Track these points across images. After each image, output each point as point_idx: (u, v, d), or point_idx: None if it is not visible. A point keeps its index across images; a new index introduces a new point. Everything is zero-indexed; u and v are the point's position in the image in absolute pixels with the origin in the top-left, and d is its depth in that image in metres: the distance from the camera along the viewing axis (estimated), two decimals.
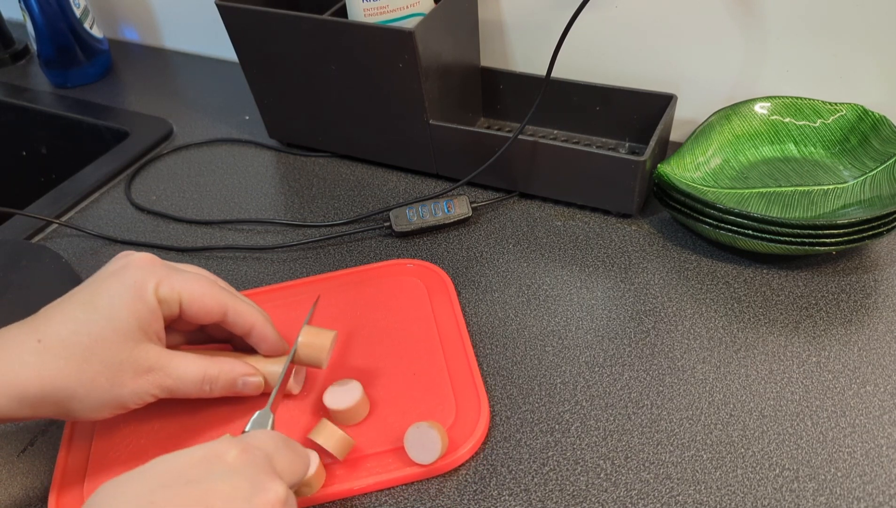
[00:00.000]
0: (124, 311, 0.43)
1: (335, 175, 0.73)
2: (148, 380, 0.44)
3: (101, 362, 0.42)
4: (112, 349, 0.42)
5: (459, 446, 0.47)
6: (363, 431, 0.48)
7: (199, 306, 0.46)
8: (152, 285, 0.44)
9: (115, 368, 0.42)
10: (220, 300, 0.46)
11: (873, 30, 0.62)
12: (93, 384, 0.42)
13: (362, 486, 0.45)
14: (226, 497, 0.34)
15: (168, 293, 0.45)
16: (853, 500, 0.44)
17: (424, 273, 0.60)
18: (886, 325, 0.54)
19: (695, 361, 0.52)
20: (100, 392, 0.42)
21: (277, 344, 0.49)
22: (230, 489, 0.35)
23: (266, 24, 0.66)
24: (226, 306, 0.47)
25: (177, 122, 0.83)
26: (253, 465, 0.37)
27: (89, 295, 0.44)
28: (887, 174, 0.60)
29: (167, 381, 0.44)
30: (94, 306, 0.43)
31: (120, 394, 0.43)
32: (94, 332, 0.42)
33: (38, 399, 0.41)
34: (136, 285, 0.44)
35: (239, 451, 0.37)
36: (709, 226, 0.58)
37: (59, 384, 0.41)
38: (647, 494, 0.45)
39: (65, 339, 0.42)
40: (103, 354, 0.42)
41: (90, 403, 0.42)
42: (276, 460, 0.38)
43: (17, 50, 0.98)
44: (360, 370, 0.52)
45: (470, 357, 0.52)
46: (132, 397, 0.43)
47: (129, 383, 0.43)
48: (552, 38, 0.69)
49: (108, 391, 0.42)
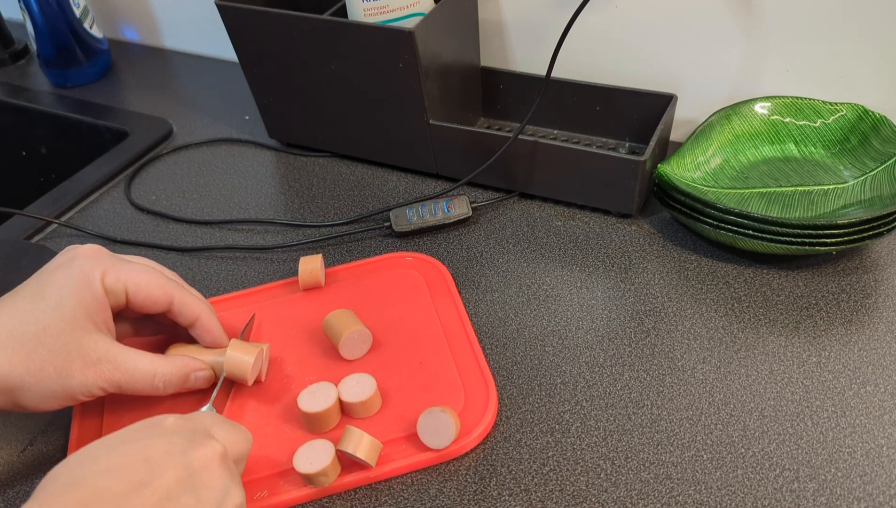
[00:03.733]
0: (72, 300, 0.43)
1: (335, 175, 0.73)
2: (96, 372, 0.44)
3: (49, 351, 0.42)
4: (60, 338, 0.43)
5: (472, 429, 0.48)
6: (375, 420, 0.49)
7: (145, 295, 0.46)
8: (98, 274, 0.45)
9: (64, 357, 0.43)
10: (167, 290, 0.47)
11: (873, 30, 0.62)
12: (41, 374, 0.42)
13: (379, 474, 0.46)
14: (163, 451, 0.36)
15: (114, 283, 0.45)
16: (853, 500, 0.44)
17: (423, 266, 0.60)
18: (886, 325, 0.54)
19: (695, 361, 0.52)
20: (48, 382, 0.42)
21: (220, 337, 0.50)
22: (168, 443, 0.37)
23: (266, 24, 0.66)
24: (171, 296, 0.47)
25: (177, 122, 0.83)
26: (189, 428, 0.38)
27: (37, 287, 0.44)
28: (887, 174, 0.60)
29: (116, 374, 0.45)
30: (42, 297, 0.43)
31: (68, 384, 0.43)
32: (42, 321, 0.42)
33: None
34: (83, 275, 0.44)
35: (177, 418, 0.39)
36: (709, 226, 0.58)
37: (7, 373, 0.42)
38: (647, 494, 0.45)
39: (12, 330, 0.42)
40: (51, 343, 0.42)
41: (39, 393, 0.43)
42: (214, 430, 0.40)
43: (17, 50, 0.98)
44: (365, 362, 0.53)
45: (473, 343, 0.53)
46: (80, 388, 0.44)
47: (77, 373, 0.43)
48: (552, 38, 0.69)
49: (56, 381, 0.43)
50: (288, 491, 0.45)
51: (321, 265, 0.58)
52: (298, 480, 0.45)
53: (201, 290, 0.61)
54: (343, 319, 0.52)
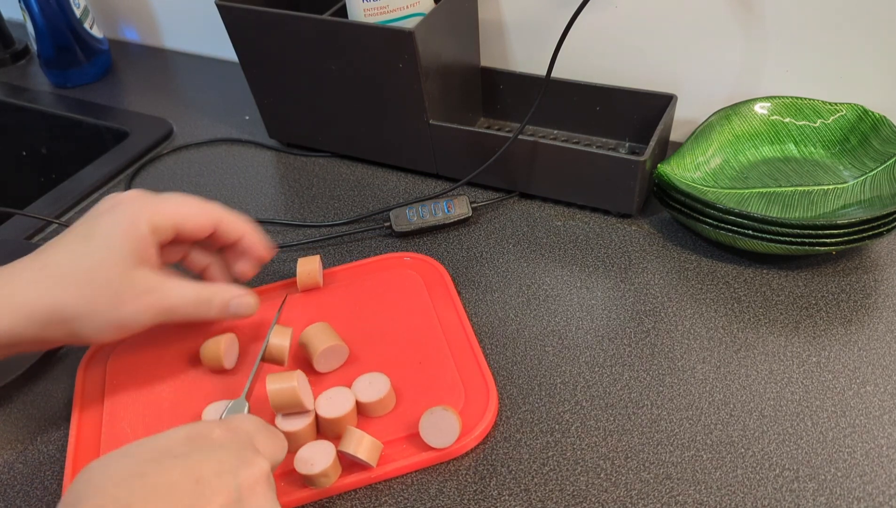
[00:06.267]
0: (120, 239, 0.46)
1: (335, 175, 0.73)
2: (146, 301, 0.46)
3: (101, 286, 0.45)
4: (110, 274, 0.45)
5: (472, 429, 0.48)
6: (375, 420, 0.49)
7: (193, 223, 0.50)
8: (145, 216, 0.47)
9: (116, 290, 0.45)
10: (211, 214, 0.51)
11: (873, 30, 0.62)
12: (95, 305, 0.45)
13: (379, 474, 0.46)
14: (214, 470, 0.35)
15: (161, 221, 0.48)
16: (853, 500, 0.44)
17: (421, 266, 0.60)
18: (886, 325, 0.54)
19: (695, 361, 0.52)
20: (102, 312, 0.45)
21: (264, 251, 0.53)
22: (217, 463, 0.36)
23: (266, 24, 0.66)
24: (217, 218, 0.51)
25: (177, 122, 0.83)
26: (237, 442, 0.38)
27: (85, 229, 0.47)
28: (887, 174, 0.60)
29: (164, 302, 0.47)
30: (92, 237, 0.47)
31: (121, 315, 0.46)
32: (94, 259, 0.45)
33: (45, 319, 0.44)
34: (129, 218, 0.47)
35: (223, 430, 0.38)
36: (709, 226, 0.58)
37: (63, 304, 0.44)
38: (647, 494, 0.45)
39: (65, 266, 0.45)
40: (103, 278, 0.45)
41: (94, 324, 0.45)
42: (258, 440, 0.40)
43: (17, 50, 0.98)
44: (365, 362, 0.53)
45: (473, 343, 0.53)
46: (132, 317, 0.46)
47: (129, 304, 0.46)
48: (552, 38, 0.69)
49: (109, 311, 0.45)
50: (289, 493, 0.45)
51: (319, 267, 0.58)
52: (299, 481, 0.45)
53: None
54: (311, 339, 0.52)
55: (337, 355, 0.52)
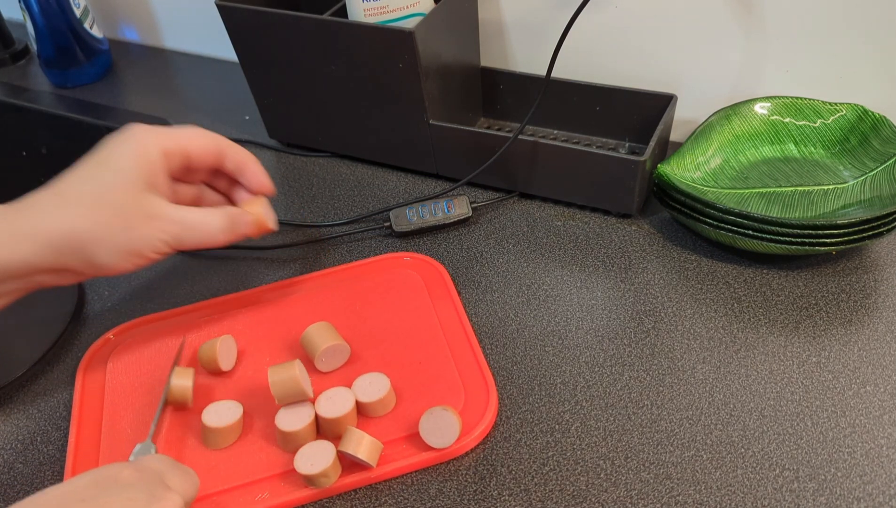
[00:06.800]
0: (130, 163, 0.48)
1: (335, 175, 0.73)
2: (156, 226, 0.48)
3: (112, 207, 0.46)
4: (121, 196, 0.47)
5: (472, 429, 0.48)
6: (375, 420, 0.49)
7: (202, 148, 0.52)
8: (156, 142, 0.49)
9: (126, 212, 0.47)
10: (217, 141, 0.53)
11: (873, 30, 0.62)
12: (108, 227, 0.46)
13: (379, 474, 0.46)
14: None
15: (172, 146, 0.50)
16: (853, 500, 0.44)
17: (421, 266, 0.60)
18: (886, 325, 0.54)
19: (695, 361, 0.52)
20: (115, 235, 0.46)
21: (265, 179, 0.55)
22: (127, 501, 0.35)
23: (266, 24, 0.66)
24: (222, 146, 0.53)
25: (177, 122, 0.83)
26: (146, 480, 0.37)
27: (99, 157, 0.49)
28: (887, 174, 0.60)
29: (174, 227, 0.48)
30: (104, 162, 0.48)
31: (133, 237, 0.47)
32: (106, 183, 0.47)
33: (62, 244, 0.45)
34: (141, 144, 0.49)
35: (131, 470, 0.38)
36: (709, 226, 0.58)
37: (78, 227, 0.46)
38: (647, 494, 0.45)
39: (79, 190, 0.47)
40: (114, 200, 0.47)
41: (108, 247, 0.46)
42: (168, 477, 0.39)
43: (17, 50, 0.98)
44: (365, 362, 0.53)
45: (473, 343, 0.53)
46: (145, 241, 0.47)
47: (140, 226, 0.47)
48: (552, 38, 0.69)
49: (122, 233, 0.46)
50: (289, 492, 0.45)
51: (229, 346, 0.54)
52: (299, 481, 0.45)
53: (202, 290, 0.61)
54: (313, 339, 0.52)
55: (338, 354, 0.52)
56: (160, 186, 0.49)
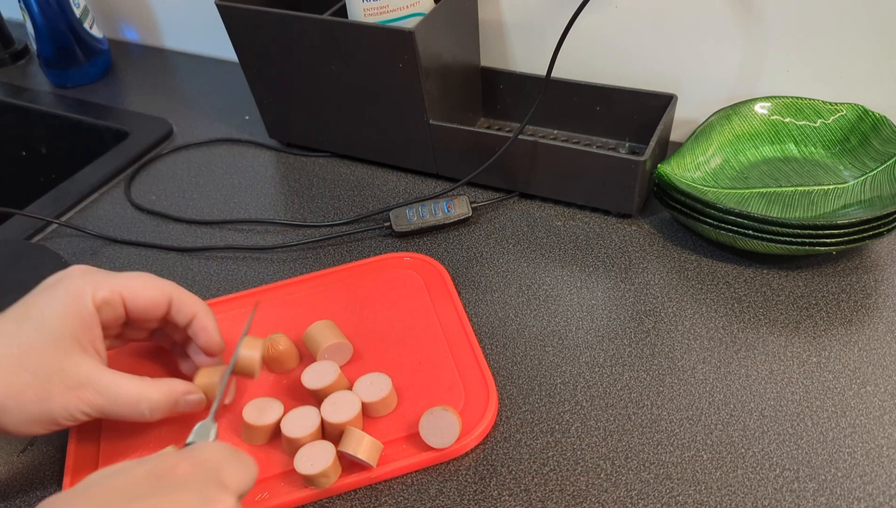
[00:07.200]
0: (56, 320, 0.42)
1: (335, 175, 0.73)
2: (78, 396, 0.42)
3: (30, 374, 0.41)
4: (41, 360, 0.41)
5: (472, 429, 0.48)
6: (375, 420, 0.49)
7: (144, 298, 0.45)
8: (90, 290, 0.43)
9: (44, 380, 0.41)
10: (164, 289, 0.46)
11: (873, 30, 0.62)
12: (21, 398, 0.41)
13: (379, 474, 0.46)
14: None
15: (108, 294, 0.44)
16: (853, 500, 0.44)
17: (421, 266, 0.60)
18: (886, 325, 0.54)
19: (695, 361, 0.52)
20: (29, 406, 0.41)
21: (216, 336, 0.48)
22: (176, 504, 0.33)
23: (266, 24, 0.66)
24: (170, 294, 0.46)
25: (177, 122, 0.83)
26: (201, 478, 0.35)
27: (22, 309, 0.43)
28: (887, 174, 0.60)
29: (99, 400, 0.43)
30: (26, 318, 0.42)
31: (49, 408, 0.41)
32: (25, 343, 0.41)
33: None
34: (72, 294, 0.43)
35: (188, 464, 0.36)
36: (709, 226, 0.58)
37: None
38: (647, 494, 0.45)
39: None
40: (33, 365, 0.41)
41: (20, 416, 0.41)
42: (225, 471, 0.37)
43: (17, 50, 0.98)
44: (365, 362, 0.53)
45: (473, 343, 0.53)
46: (62, 412, 0.42)
47: (58, 397, 0.41)
48: (552, 38, 0.69)
49: (36, 404, 0.41)
50: (289, 493, 0.45)
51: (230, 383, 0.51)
52: (299, 481, 0.45)
53: (201, 290, 0.61)
54: (315, 337, 0.52)
55: (341, 352, 0.52)
56: (92, 342, 0.43)
